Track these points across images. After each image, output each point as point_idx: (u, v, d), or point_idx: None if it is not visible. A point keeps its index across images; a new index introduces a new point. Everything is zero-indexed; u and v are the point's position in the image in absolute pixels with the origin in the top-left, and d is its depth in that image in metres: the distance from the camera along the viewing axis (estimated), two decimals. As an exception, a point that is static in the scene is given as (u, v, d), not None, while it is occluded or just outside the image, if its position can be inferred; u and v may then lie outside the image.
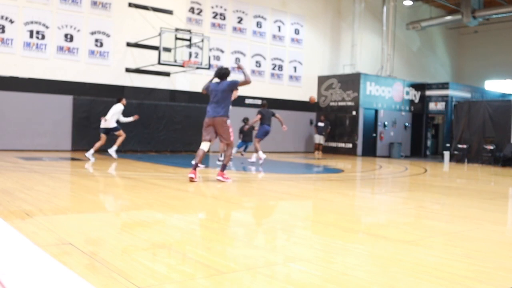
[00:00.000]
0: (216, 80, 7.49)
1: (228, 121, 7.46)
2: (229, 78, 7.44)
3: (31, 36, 13.14)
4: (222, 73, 7.34)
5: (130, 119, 11.66)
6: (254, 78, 17.50)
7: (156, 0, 15.17)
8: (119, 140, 11.38)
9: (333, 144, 18.82)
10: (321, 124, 17.67)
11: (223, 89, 7.26)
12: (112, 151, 11.45)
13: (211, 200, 5.88)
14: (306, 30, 19.05)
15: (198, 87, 15.93)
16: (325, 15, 19.73)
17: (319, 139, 17.61)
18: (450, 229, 4.31)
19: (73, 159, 11.23)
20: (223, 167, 7.42)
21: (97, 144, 10.95)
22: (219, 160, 10.89)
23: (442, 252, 3.39)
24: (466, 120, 16.59)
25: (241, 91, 17.00)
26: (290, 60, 18.62)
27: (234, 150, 12.27)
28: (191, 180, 7.20)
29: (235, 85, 7.33)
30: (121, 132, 11.30)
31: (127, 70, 14.74)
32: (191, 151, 15.39)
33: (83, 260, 2.74)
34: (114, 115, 11.14)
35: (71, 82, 13.75)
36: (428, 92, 20.19)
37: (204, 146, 7.41)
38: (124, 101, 11.42)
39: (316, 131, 17.80)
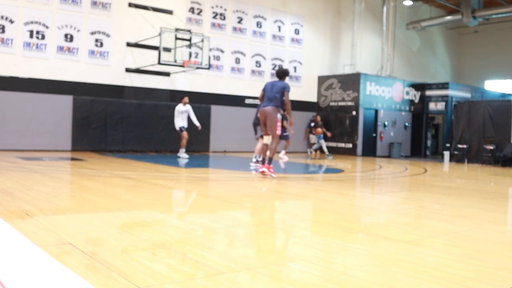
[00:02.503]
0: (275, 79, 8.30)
1: (279, 115, 7.92)
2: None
3: (31, 36, 13.14)
4: (282, 72, 8.15)
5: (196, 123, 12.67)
6: (254, 78, 17.50)
7: (156, 0, 15.17)
8: (182, 142, 12.57)
9: (333, 144, 18.81)
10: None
11: (278, 87, 7.97)
12: (180, 153, 12.68)
13: (211, 200, 5.88)
14: (306, 30, 19.05)
15: (198, 87, 15.96)
16: (325, 15, 19.72)
17: (315, 139, 17.64)
18: (450, 229, 4.31)
19: (73, 159, 11.23)
20: (270, 160, 7.92)
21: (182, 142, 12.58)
22: (252, 162, 10.61)
23: (442, 252, 3.38)
24: (466, 120, 16.58)
25: (241, 91, 17.10)
26: (290, 60, 18.61)
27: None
28: (263, 173, 7.91)
29: (286, 88, 7.96)
30: (183, 134, 12.46)
31: (127, 70, 14.74)
32: (191, 151, 15.38)
33: (83, 260, 2.74)
34: (176, 116, 12.49)
35: (71, 82, 13.74)
36: (428, 92, 20.18)
37: (265, 139, 8.15)
38: (185, 99, 12.47)
39: (313, 131, 17.83)
